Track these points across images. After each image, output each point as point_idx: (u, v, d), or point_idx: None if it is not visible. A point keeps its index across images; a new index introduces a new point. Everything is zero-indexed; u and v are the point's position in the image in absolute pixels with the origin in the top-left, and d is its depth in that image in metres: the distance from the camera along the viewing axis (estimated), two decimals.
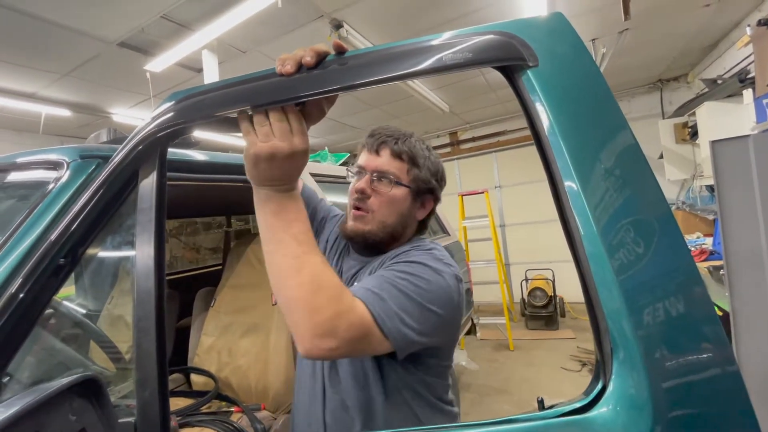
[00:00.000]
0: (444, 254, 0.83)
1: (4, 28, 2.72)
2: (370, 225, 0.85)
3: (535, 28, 0.61)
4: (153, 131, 0.63)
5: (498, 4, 3.12)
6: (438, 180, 0.92)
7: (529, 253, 6.45)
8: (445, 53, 0.59)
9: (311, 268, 0.61)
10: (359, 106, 5.25)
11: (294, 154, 0.61)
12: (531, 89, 0.58)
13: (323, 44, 0.62)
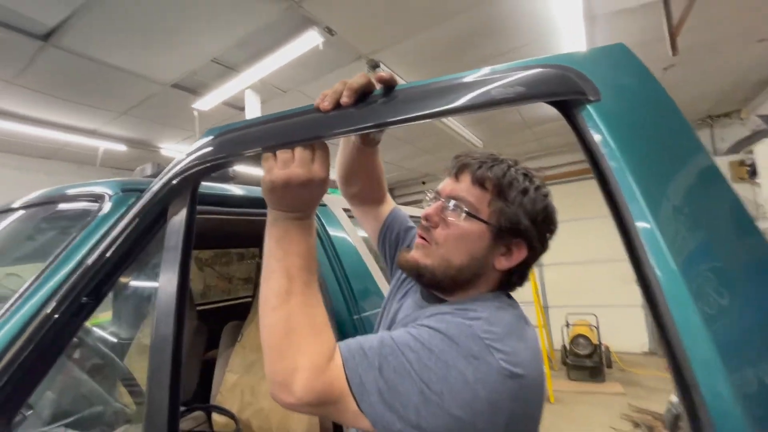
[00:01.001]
0: (497, 331, 0.56)
1: (74, 70, 3.01)
2: (430, 259, 0.69)
3: (595, 60, 0.55)
4: (184, 168, 0.62)
5: (535, 43, 3.12)
6: (535, 222, 0.67)
7: (570, 295, 6.06)
8: (495, 87, 0.54)
9: (289, 309, 0.56)
10: (391, 142, 5.32)
11: (310, 182, 0.58)
12: (593, 125, 0.51)
13: (364, 76, 0.59)
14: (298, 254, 0.59)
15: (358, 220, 1.06)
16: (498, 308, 0.63)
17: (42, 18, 2.34)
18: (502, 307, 0.64)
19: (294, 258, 0.59)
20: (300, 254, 0.59)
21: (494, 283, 0.70)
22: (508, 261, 0.68)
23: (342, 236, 1.76)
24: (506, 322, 0.60)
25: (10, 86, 3.15)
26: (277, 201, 0.60)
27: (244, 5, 2.39)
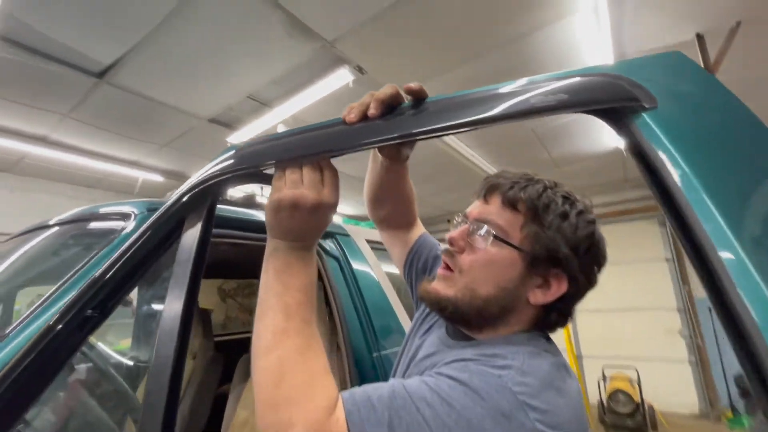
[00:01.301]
0: (532, 384, 0.47)
1: (124, 106, 3.23)
2: (453, 290, 0.60)
3: (648, 67, 0.50)
4: (202, 180, 0.59)
5: None
6: (576, 251, 0.58)
7: (607, 345, 5.62)
8: (534, 95, 0.49)
9: (283, 353, 0.49)
10: (413, 179, 5.33)
11: (319, 207, 0.54)
12: (650, 134, 0.45)
13: (392, 87, 0.56)
14: (298, 289, 0.54)
15: (386, 245, 1.01)
16: (532, 354, 0.53)
17: (98, 56, 2.55)
18: (537, 353, 0.54)
19: (294, 293, 0.53)
20: (301, 289, 0.54)
21: (529, 321, 0.61)
22: (544, 295, 0.58)
23: (365, 269, 1.71)
24: (543, 372, 0.50)
25: (65, 119, 3.41)
26: (282, 226, 0.55)
27: (280, 45, 2.53)
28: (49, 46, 2.40)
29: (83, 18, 2.19)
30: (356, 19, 2.33)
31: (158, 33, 2.36)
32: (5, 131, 3.54)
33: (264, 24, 2.32)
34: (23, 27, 2.21)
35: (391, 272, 1.81)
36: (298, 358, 0.49)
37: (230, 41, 2.47)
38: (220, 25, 2.32)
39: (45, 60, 2.51)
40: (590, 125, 3.81)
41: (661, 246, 5.63)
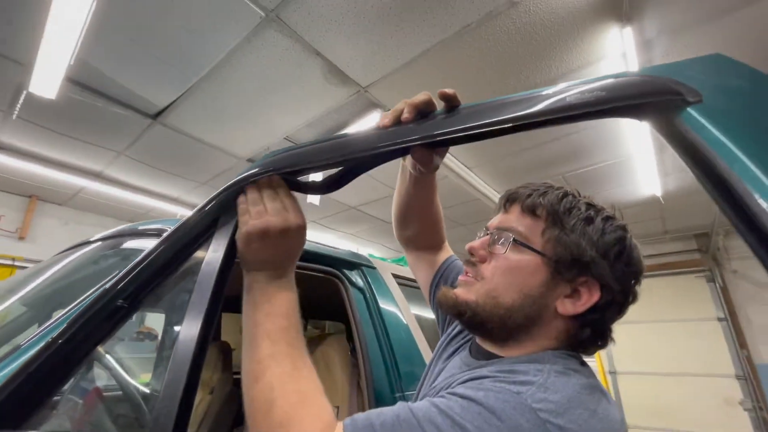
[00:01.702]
0: (556, 401, 0.43)
1: (173, 145, 3.49)
2: (474, 294, 0.58)
3: (687, 68, 0.49)
4: (239, 180, 0.61)
5: (593, 128, 3.11)
6: (607, 256, 0.54)
7: (651, 413, 5.04)
8: (571, 93, 0.49)
9: (271, 379, 0.47)
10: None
11: (287, 231, 0.55)
12: (698, 127, 0.43)
13: (426, 94, 0.58)
14: (279, 314, 0.53)
15: (411, 267, 0.98)
16: (559, 373, 0.47)
17: (155, 99, 2.82)
18: (565, 372, 0.48)
19: (276, 319, 0.52)
20: (282, 314, 0.53)
21: (558, 336, 0.56)
22: (574, 305, 0.54)
23: (390, 302, 1.66)
24: (570, 390, 0.45)
25: (120, 157, 3.71)
26: (255, 257, 0.56)
27: (317, 90, 2.71)
28: (112, 88, 2.68)
29: (145, 64, 2.45)
30: (390, 66, 2.48)
31: (208, 79, 2.60)
32: (67, 166, 3.88)
33: (304, 70, 2.51)
34: (92, 71, 2.50)
35: (419, 312, 1.74)
36: (286, 381, 0.47)
37: (272, 87, 2.67)
38: (263, 73, 2.53)
39: (108, 101, 2.80)
40: (625, 170, 3.72)
41: (711, 304, 5.18)
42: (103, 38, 2.21)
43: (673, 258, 5.62)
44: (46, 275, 1.16)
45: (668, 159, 3.44)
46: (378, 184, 4.19)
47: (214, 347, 2.57)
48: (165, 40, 2.25)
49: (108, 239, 1.26)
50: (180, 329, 0.55)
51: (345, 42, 2.28)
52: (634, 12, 2.04)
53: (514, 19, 2.10)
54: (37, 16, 2.02)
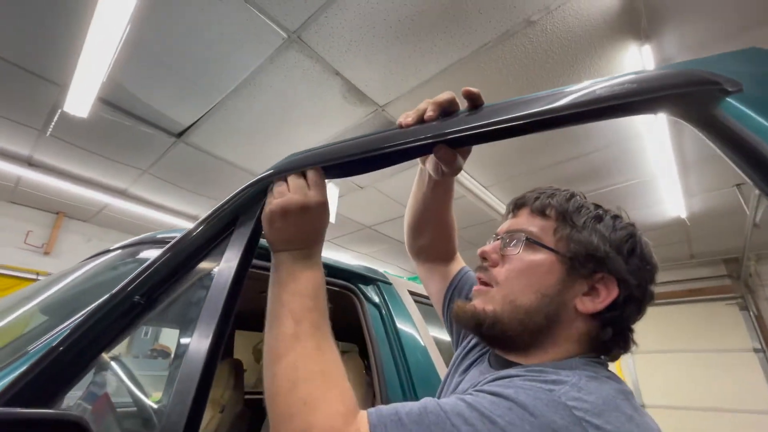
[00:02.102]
0: (592, 402, 0.41)
1: (195, 163, 3.59)
2: (491, 304, 0.57)
3: (722, 61, 0.47)
4: (260, 178, 0.61)
5: (614, 146, 3.06)
6: (620, 251, 0.55)
7: None
8: (600, 87, 0.48)
9: (295, 357, 0.46)
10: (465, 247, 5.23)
11: (308, 207, 0.55)
12: (741, 116, 0.41)
13: (449, 93, 0.57)
14: (305, 294, 0.52)
15: (423, 280, 0.95)
16: (591, 377, 0.45)
17: (180, 118, 2.92)
18: (597, 377, 0.46)
19: (301, 299, 0.52)
20: (308, 294, 0.53)
21: (581, 338, 0.54)
22: (593, 302, 0.53)
23: (406, 319, 1.62)
24: (604, 392, 0.43)
25: (144, 175, 3.83)
26: (279, 236, 0.56)
27: (337, 109, 2.77)
28: (140, 107, 2.80)
29: (171, 84, 2.56)
30: (407, 85, 2.52)
31: (231, 99, 2.69)
32: (94, 183, 4.03)
33: (323, 90, 2.57)
34: (122, 91, 2.62)
35: (436, 332, 1.69)
36: (310, 362, 0.46)
37: (292, 106, 2.74)
38: (284, 92, 2.60)
39: (136, 120, 2.92)
40: (647, 191, 3.63)
41: (745, 334, 4.88)
42: (134, 59, 2.33)
43: (700, 284, 5.37)
44: (65, 282, 1.17)
45: (693, 179, 3.34)
46: (394, 203, 4.19)
47: (226, 364, 2.54)
48: (191, 61, 2.35)
49: (128, 247, 1.28)
50: (191, 338, 0.53)
51: (363, 62, 2.34)
52: (653, 30, 2.03)
53: (531, 37, 2.12)
54: (75, 40, 2.15)
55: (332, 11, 2.01)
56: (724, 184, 3.43)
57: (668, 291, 5.48)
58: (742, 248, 4.30)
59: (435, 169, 0.70)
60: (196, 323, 0.54)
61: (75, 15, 2.02)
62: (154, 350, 4.92)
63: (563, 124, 0.50)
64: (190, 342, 0.53)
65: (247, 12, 2.00)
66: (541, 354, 0.55)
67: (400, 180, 3.70)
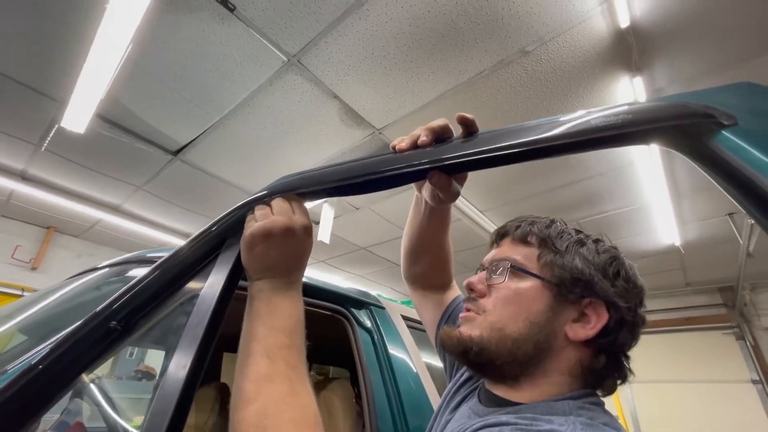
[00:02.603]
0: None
1: (191, 181, 3.58)
2: (478, 329, 0.55)
3: (716, 95, 0.48)
4: (248, 201, 0.60)
5: (608, 174, 3.10)
6: (606, 274, 0.54)
7: None
8: (594, 117, 0.47)
9: (265, 403, 0.43)
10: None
11: (292, 230, 0.53)
12: (736, 149, 0.40)
13: (444, 120, 0.57)
14: (282, 330, 0.49)
15: (417, 307, 0.93)
16: (587, 425, 0.42)
17: (177, 136, 2.93)
18: (592, 425, 0.43)
19: (277, 335, 0.49)
20: (284, 330, 0.50)
21: (573, 369, 0.52)
22: (584, 329, 0.52)
23: (398, 345, 1.57)
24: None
25: (138, 191, 3.81)
26: (259, 261, 0.54)
27: (334, 131, 2.79)
28: (138, 125, 2.81)
29: (170, 103, 2.58)
30: (404, 109, 2.56)
31: (229, 118, 2.71)
32: (88, 199, 3.99)
33: (321, 112, 2.60)
34: (121, 108, 2.63)
35: (429, 360, 1.65)
36: (282, 407, 0.43)
37: (290, 127, 2.76)
38: (282, 113, 2.63)
39: (133, 137, 2.92)
40: (641, 218, 3.65)
41: (743, 364, 4.82)
42: (135, 78, 2.35)
43: (697, 312, 5.33)
44: (46, 301, 1.13)
45: (686, 207, 3.37)
46: (389, 225, 4.18)
47: (211, 388, 2.44)
48: (191, 81, 2.38)
49: (116, 266, 1.25)
50: (169, 364, 0.50)
51: (362, 86, 2.38)
52: (644, 62, 2.09)
53: (525, 67, 2.17)
54: (77, 57, 2.17)
55: (332, 37, 2.05)
56: (717, 213, 3.46)
57: (665, 319, 5.44)
58: (737, 277, 4.30)
59: (431, 196, 0.69)
60: (176, 347, 0.51)
61: (78, 33, 2.05)
62: (138, 371, 4.75)
63: (557, 153, 0.49)
64: (168, 367, 0.50)
65: (248, 35, 2.04)
66: (531, 387, 0.53)
67: (396, 202, 3.71)
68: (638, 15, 1.86)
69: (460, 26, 1.97)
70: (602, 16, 1.88)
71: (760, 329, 4.83)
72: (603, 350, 0.52)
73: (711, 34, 1.94)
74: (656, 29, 1.92)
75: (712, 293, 5.33)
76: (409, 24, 1.97)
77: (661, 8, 1.83)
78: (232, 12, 1.92)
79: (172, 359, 0.51)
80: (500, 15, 1.89)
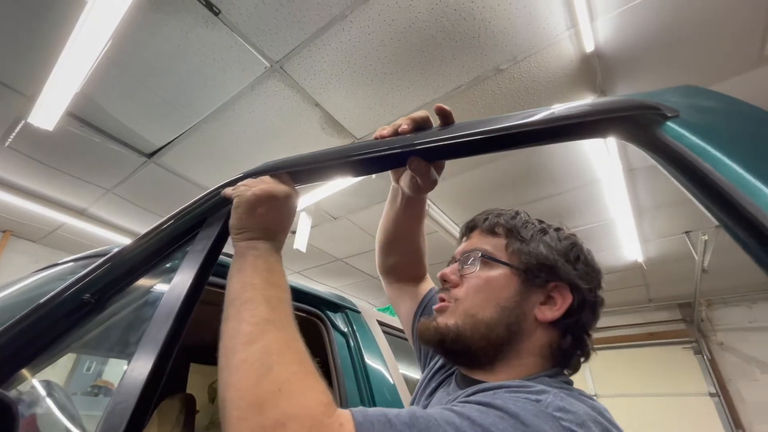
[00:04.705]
0: (577, 413, 0.41)
1: (164, 185, 3.48)
2: (453, 318, 0.58)
3: (661, 93, 0.54)
4: (228, 182, 0.61)
5: (578, 190, 3.25)
6: (568, 258, 0.59)
7: None
8: (558, 109, 0.52)
9: (269, 343, 0.42)
10: None
11: (290, 197, 0.58)
12: (678, 136, 0.46)
13: (425, 112, 0.61)
14: (279, 286, 0.51)
15: (392, 301, 0.95)
16: (567, 393, 0.46)
17: (153, 138, 2.87)
18: (572, 394, 0.47)
19: (275, 289, 0.50)
20: (282, 287, 0.51)
21: (544, 350, 0.56)
22: (551, 310, 0.56)
23: (373, 350, 1.58)
24: (583, 407, 0.43)
25: (107, 194, 3.67)
26: (259, 222, 0.56)
27: (314, 139, 2.81)
28: (111, 125, 2.73)
29: (147, 104, 2.53)
30: (384, 120, 2.62)
31: (208, 122, 2.69)
32: (49, 200, 3.80)
33: (302, 119, 2.63)
34: (94, 106, 2.56)
35: (404, 365, 1.66)
36: (287, 350, 0.43)
37: (269, 133, 2.77)
38: (262, 119, 2.63)
39: (105, 137, 2.84)
40: (608, 234, 3.82)
41: (701, 378, 5.04)
42: (111, 76, 2.31)
43: (659, 328, 5.57)
44: (7, 291, 1.08)
45: (647, 224, 3.56)
46: (367, 236, 4.19)
47: (177, 400, 2.33)
48: (171, 82, 2.36)
49: (82, 260, 1.20)
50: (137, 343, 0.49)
51: (343, 96, 2.42)
52: (607, 85, 2.24)
53: (499, 84, 2.28)
54: (50, 51, 2.12)
55: (315, 46, 2.10)
56: (675, 230, 3.68)
57: (630, 334, 5.64)
58: (694, 293, 4.54)
59: (410, 185, 0.72)
60: (147, 327, 0.51)
61: (54, 26, 2.01)
62: (95, 386, 4.46)
63: (526, 141, 0.54)
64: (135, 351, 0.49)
65: (232, 39, 2.06)
66: (506, 369, 0.56)
67: (374, 212, 3.73)
68: (602, 41, 2.01)
69: (439, 42, 2.06)
70: (570, 41, 2.02)
71: (716, 344, 5.09)
72: (569, 330, 0.57)
73: (669, 63, 2.11)
74: (619, 55, 2.08)
75: (672, 309, 5.59)
76: (391, 37, 2.04)
77: (623, 37, 1.98)
78: (217, 15, 1.94)
79: (142, 337, 0.50)
80: (477, 33, 2.00)
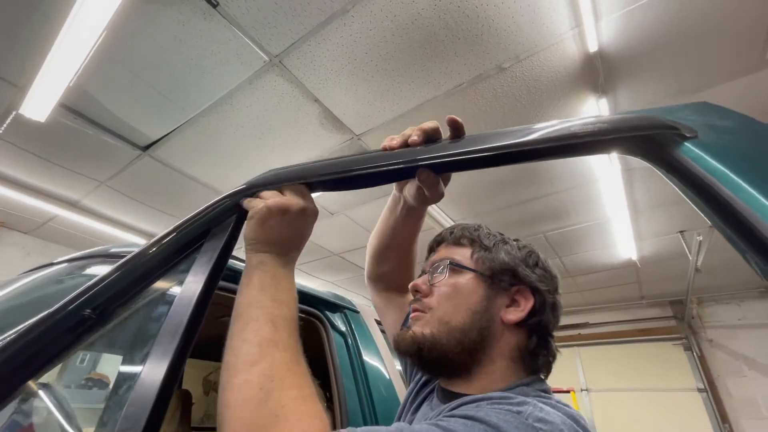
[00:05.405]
0: (554, 423, 0.43)
1: (159, 179, 3.44)
2: (428, 326, 0.60)
3: (677, 112, 0.53)
4: (233, 192, 0.60)
5: (575, 189, 3.26)
6: (527, 263, 0.64)
7: None
8: (574, 124, 0.51)
9: (270, 366, 0.43)
10: None
11: (305, 211, 0.58)
12: (696, 158, 0.45)
13: (434, 122, 0.60)
14: (285, 303, 0.51)
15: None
16: (546, 403, 0.48)
17: (148, 131, 2.82)
18: (549, 404, 0.49)
19: (281, 307, 0.50)
20: (287, 303, 0.51)
21: (513, 353, 0.60)
22: (516, 312, 0.61)
23: (372, 350, 1.57)
24: (561, 417, 0.45)
25: (101, 187, 3.62)
26: (269, 235, 0.55)
27: (313, 135, 2.78)
28: (106, 117, 2.68)
29: (143, 96, 2.48)
30: (383, 117, 2.59)
31: (204, 116, 2.64)
32: (41, 192, 3.74)
33: (300, 115, 2.59)
34: (88, 98, 2.50)
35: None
36: (287, 373, 0.43)
37: (267, 128, 2.73)
38: (260, 114, 2.60)
39: (99, 129, 2.78)
40: (603, 232, 3.84)
41: (690, 374, 5.14)
42: (106, 68, 2.25)
43: (650, 324, 5.65)
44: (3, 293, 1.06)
45: (643, 223, 3.59)
46: (363, 231, 4.18)
47: (173, 396, 2.34)
48: (167, 75, 2.31)
49: (76, 260, 1.18)
50: (146, 358, 0.49)
51: (343, 92, 2.39)
52: (609, 85, 2.24)
53: (501, 82, 2.27)
54: (42, 41, 2.06)
55: (315, 40, 2.06)
56: (670, 230, 3.71)
57: (622, 330, 5.73)
58: (686, 291, 4.61)
59: (415, 195, 0.71)
60: (154, 341, 0.50)
61: (47, 16, 1.95)
62: (89, 379, 4.45)
63: (540, 156, 0.53)
64: (146, 361, 0.48)
65: (230, 32, 2.02)
66: (482, 376, 0.59)
67: (371, 207, 3.72)
68: (605, 42, 1.99)
69: (441, 39, 2.03)
70: (573, 40, 2.00)
71: (706, 340, 5.18)
72: (533, 331, 0.61)
73: (670, 66, 2.10)
74: (621, 56, 2.06)
75: (663, 306, 5.67)
76: (392, 33, 2.01)
77: (627, 37, 1.97)
78: (215, 8, 1.89)
79: (150, 351, 0.49)
80: (480, 31, 1.97)
